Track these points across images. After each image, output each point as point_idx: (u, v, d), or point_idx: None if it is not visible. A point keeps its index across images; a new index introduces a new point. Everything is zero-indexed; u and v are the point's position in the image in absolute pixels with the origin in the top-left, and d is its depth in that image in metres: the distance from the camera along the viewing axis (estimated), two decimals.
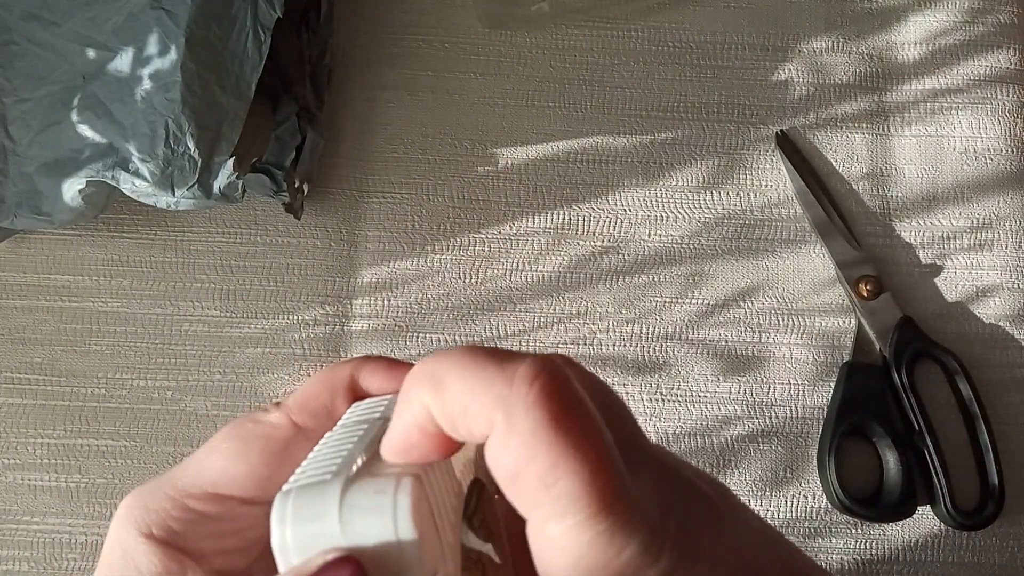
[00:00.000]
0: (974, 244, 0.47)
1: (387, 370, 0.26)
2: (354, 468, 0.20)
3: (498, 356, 0.19)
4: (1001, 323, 0.46)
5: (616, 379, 0.45)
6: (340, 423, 0.24)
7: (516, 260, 0.47)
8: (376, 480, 0.20)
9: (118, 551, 0.24)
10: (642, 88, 0.49)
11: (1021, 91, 0.49)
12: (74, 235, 0.47)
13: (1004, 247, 0.47)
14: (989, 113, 0.49)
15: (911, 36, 0.50)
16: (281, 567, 0.19)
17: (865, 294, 0.45)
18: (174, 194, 0.39)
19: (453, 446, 0.20)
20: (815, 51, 0.50)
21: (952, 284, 0.47)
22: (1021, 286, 0.47)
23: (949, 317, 0.46)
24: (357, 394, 0.26)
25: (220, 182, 0.40)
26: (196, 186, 0.39)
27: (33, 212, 0.41)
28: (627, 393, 0.45)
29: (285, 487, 0.20)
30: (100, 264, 0.46)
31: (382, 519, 0.19)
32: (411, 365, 0.25)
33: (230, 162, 0.39)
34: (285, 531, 0.19)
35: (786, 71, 0.50)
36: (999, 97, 0.49)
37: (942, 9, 0.50)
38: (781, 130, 0.49)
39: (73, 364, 0.45)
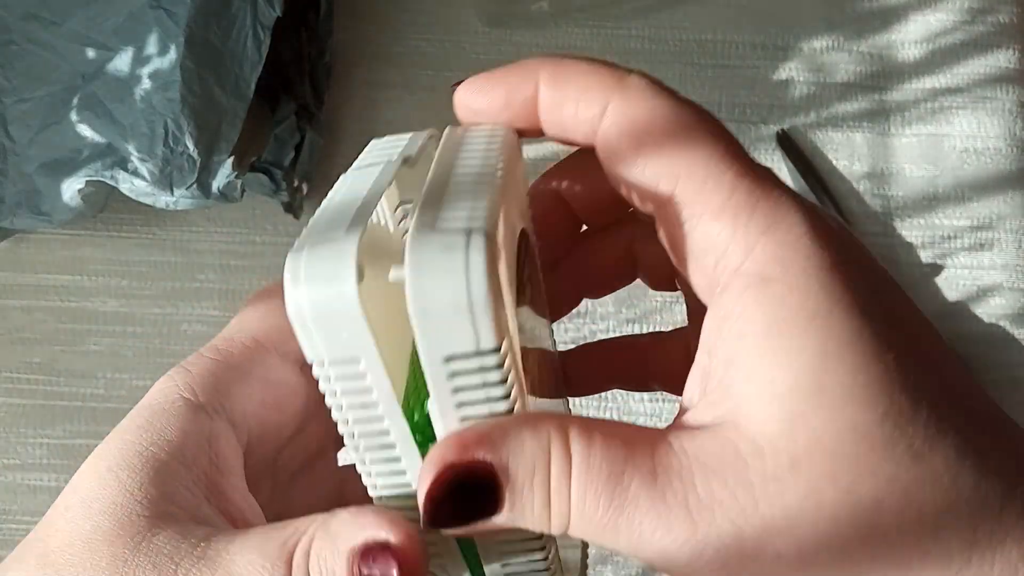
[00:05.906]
0: (975, 244, 0.47)
1: None
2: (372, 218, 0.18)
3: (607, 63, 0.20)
4: (1001, 323, 0.46)
5: None
6: (354, 165, 0.21)
7: None
8: (442, 236, 0.16)
9: (160, 416, 0.21)
10: None
11: (1021, 91, 0.49)
12: (74, 235, 0.47)
13: (1005, 247, 0.47)
14: (989, 113, 0.49)
15: (911, 36, 0.50)
16: (300, 337, 0.17)
17: None
18: (173, 194, 0.39)
19: (526, 130, 0.21)
20: (816, 50, 0.50)
21: (953, 284, 0.47)
22: (1021, 286, 0.47)
23: (950, 317, 0.46)
24: None
25: (219, 181, 0.39)
26: (195, 185, 0.39)
27: (32, 212, 0.41)
28: (627, 393, 0.45)
29: (297, 241, 0.17)
30: (100, 264, 0.46)
31: (454, 278, 0.16)
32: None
33: (229, 161, 0.39)
34: (299, 292, 0.16)
35: (787, 70, 0.50)
36: (999, 97, 0.49)
37: (942, 9, 0.50)
38: (782, 129, 0.48)
39: (72, 364, 0.45)
